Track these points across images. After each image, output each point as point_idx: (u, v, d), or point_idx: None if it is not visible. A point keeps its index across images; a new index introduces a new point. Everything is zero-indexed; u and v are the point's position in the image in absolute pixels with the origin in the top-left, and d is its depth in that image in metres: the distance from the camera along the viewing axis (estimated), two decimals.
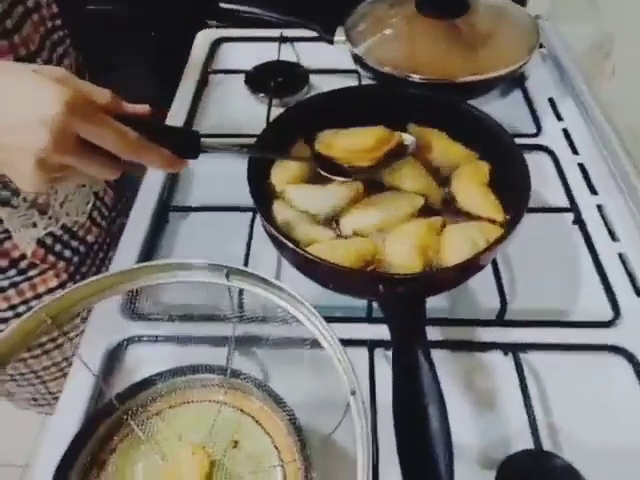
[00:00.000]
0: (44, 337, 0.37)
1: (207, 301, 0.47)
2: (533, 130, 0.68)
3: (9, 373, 0.64)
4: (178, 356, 0.47)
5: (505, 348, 0.47)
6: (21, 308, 0.59)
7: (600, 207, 0.59)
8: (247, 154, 0.51)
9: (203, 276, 0.39)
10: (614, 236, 0.56)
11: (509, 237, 0.44)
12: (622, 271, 0.53)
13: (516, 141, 0.53)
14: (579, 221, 0.57)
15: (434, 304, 0.49)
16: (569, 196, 0.60)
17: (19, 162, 0.34)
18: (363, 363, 0.46)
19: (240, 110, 0.75)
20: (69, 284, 0.59)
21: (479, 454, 0.43)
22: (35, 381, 0.67)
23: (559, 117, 0.70)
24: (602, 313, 0.50)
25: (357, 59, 0.70)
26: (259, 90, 0.75)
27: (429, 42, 0.69)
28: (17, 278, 0.56)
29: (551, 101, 0.73)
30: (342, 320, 0.50)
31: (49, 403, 0.72)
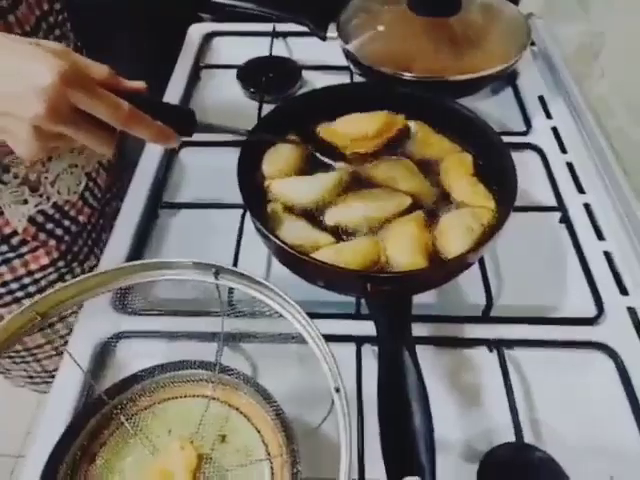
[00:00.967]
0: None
1: (197, 297, 0.48)
2: (523, 128, 0.69)
3: None
4: (168, 351, 0.48)
5: (490, 344, 0.48)
6: (13, 285, 0.59)
7: (587, 206, 0.60)
8: (242, 135, 0.51)
9: (192, 275, 0.39)
10: (600, 235, 0.57)
11: (505, 223, 0.45)
12: (607, 269, 0.54)
13: (505, 139, 0.54)
14: (566, 220, 0.58)
15: (421, 300, 0.49)
16: (557, 195, 0.61)
17: (16, 129, 0.36)
18: (350, 359, 0.47)
19: (231, 105, 0.75)
20: (60, 262, 0.59)
21: (463, 447, 0.44)
22: (29, 359, 0.67)
23: (549, 115, 0.71)
24: (586, 310, 0.51)
25: (349, 56, 0.70)
26: (251, 85, 0.74)
27: (421, 40, 0.69)
28: (9, 254, 0.57)
29: (541, 99, 0.73)
30: (330, 316, 0.50)
31: (45, 381, 0.72)
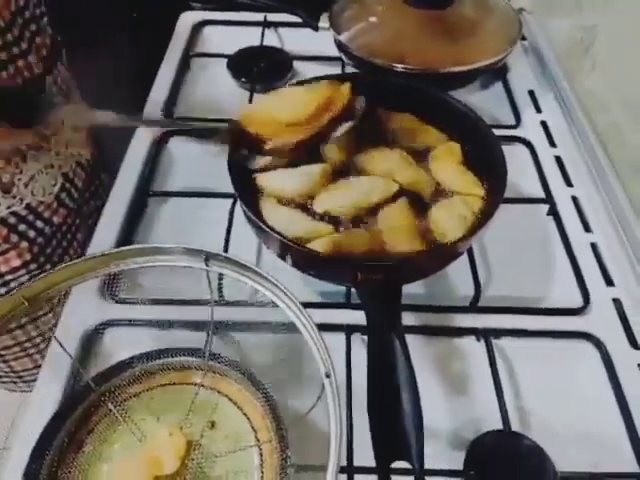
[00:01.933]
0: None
1: (186, 285, 0.47)
2: (512, 122, 0.69)
3: None
4: (156, 340, 0.48)
5: (478, 334, 0.49)
6: None
7: (575, 199, 0.61)
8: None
9: (182, 261, 0.39)
10: (587, 227, 0.58)
11: (494, 213, 0.45)
12: (594, 261, 0.55)
13: (495, 132, 0.54)
14: (554, 212, 0.59)
15: (410, 290, 0.50)
16: (545, 187, 0.61)
17: None
18: (340, 347, 0.47)
19: (222, 95, 0.74)
20: (32, 264, 0.58)
21: (450, 435, 0.44)
22: None
23: (538, 109, 0.71)
24: (573, 301, 0.51)
25: (341, 47, 0.70)
26: (241, 75, 0.74)
27: (413, 32, 0.69)
28: None
29: (531, 94, 0.74)
30: (321, 305, 0.50)
31: (13, 381, 0.71)
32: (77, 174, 0.63)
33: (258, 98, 0.70)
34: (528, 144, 0.67)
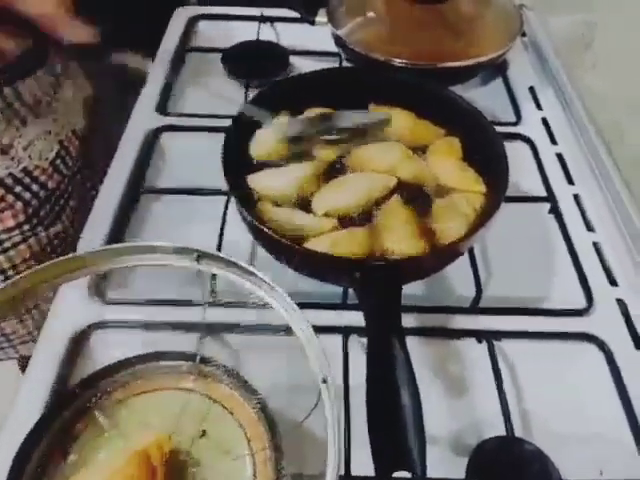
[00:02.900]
0: None
1: (178, 285, 0.46)
2: (513, 119, 0.68)
3: None
4: (147, 342, 0.46)
5: (479, 335, 0.47)
6: None
7: (576, 197, 0.59)
8: None
9: (173, 259, 0.37)
10: (589, 226, 0.57)
11: (497, 211, 0.44)
12: (596, 261, 0.53)
13: (495, 130, 0.53)
14: (555, 210, 0.58)
15: (408, 291, 0.48)
16: (546, 186, 0.60)
17: None
18: (337, 350, 0.46)
19: (216, 91, 0.72)
20: (26, 225, 0.59)
21: (452, 441, 0.42)
22: None
23: (539, 106, 0.70)
24: (576, 302, 0.50)
25: (339, 41, 0.68)
26: (236, 70, 0.72)
27: (412, 27, 0.68)
28: None
29: (532, 90, 0.72)
30: (317, 306, 0.49)
31: (1, 347, 0.70)
32: (72, 143, 0.64)
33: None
34: (529, 141, 0.65)
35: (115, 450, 0.36)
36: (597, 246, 0.55)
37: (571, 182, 0.61)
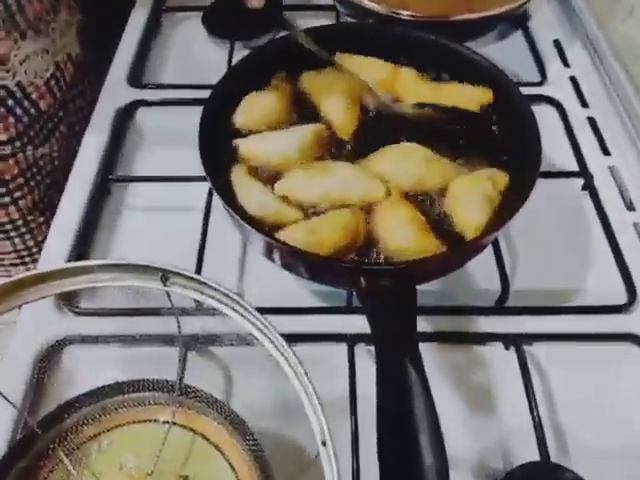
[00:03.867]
0: None
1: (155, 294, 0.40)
2: (537, 78, 0.61)
3: None
4: (123, 358, 0.41)
5: (506, 340, 0.41)
6: None
7: (613, 170, 0.52)
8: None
9: (132, 280, 0.30)
10: (629, 204, 0.50)
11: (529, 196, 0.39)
12: (638, 245, 0.47)
13: (521, 92, 0.45)
14: (589, 187, 0.51)
15: (422, 288, 0.42)
16: (578, 157, 0.53)
17: None
18: (342, 361, 0.40)
19: (197, 55, 0.64)
20: (17, 142, 0.60)
21: (475, 466, 0.37)
22: None
23: (566, 63, 0.63)
24: (616, 296, 0.44)
25: None
26: (219, 31, 0.64)
27: None
28: None
29: (557, 44, 0.65)
30: (318, 311, 0.43)
31: None
32: (67, 68, 0.65)
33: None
34: (556, 104, 0.58)
35: None
36: (639, 227, 0.48)
37: (607, 152, 0.54)
